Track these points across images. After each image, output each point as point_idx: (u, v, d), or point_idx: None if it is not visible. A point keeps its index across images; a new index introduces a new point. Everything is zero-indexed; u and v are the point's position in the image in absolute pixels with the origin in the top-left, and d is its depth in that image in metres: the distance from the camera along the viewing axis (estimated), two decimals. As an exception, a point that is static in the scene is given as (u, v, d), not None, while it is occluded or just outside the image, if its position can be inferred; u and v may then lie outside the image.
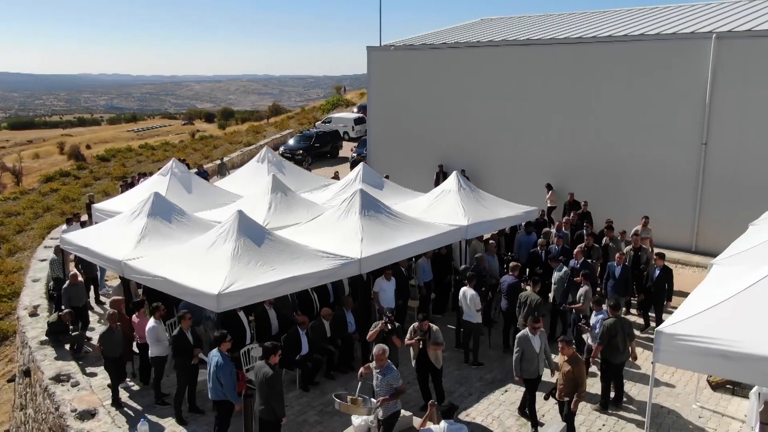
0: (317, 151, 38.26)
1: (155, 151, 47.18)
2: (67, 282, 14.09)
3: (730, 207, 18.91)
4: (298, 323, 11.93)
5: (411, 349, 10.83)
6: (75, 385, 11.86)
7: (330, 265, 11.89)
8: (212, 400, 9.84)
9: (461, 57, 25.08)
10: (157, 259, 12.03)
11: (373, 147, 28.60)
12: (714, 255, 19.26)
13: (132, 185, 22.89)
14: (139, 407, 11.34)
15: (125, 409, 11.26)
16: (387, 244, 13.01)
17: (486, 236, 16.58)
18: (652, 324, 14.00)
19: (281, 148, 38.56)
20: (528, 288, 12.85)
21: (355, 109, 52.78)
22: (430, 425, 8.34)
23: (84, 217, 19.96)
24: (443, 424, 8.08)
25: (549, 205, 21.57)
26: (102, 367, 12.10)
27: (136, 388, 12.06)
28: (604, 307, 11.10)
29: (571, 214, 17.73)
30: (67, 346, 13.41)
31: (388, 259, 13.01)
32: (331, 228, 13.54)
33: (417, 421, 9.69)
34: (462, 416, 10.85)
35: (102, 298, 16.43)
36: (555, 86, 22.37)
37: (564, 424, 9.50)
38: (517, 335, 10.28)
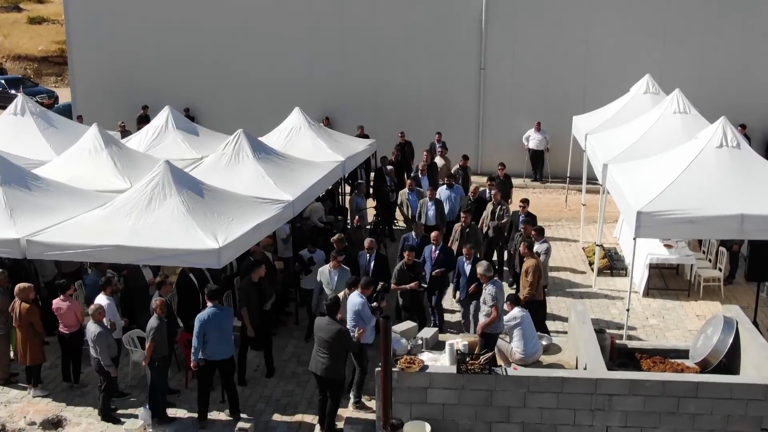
0: None
1: None
2: None
3: (507, 127, 21.63)
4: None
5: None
6: None
7: (275, 210, 11.15)
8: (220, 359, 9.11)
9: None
10: (75, 229, 9.80)
11: (83, 101, 23.88)
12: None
13: None
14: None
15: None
16: (300, 186, 12.41)
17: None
18: None
19: None
20: None
21: None
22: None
23: None
24: (516, 310, 9.17)
25: None
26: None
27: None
28: None
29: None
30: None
31: (308, 199, 12.68)
32: (226, 173, 12.35)
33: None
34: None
35: None
36: (323, 20, 22.19)
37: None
38: None
